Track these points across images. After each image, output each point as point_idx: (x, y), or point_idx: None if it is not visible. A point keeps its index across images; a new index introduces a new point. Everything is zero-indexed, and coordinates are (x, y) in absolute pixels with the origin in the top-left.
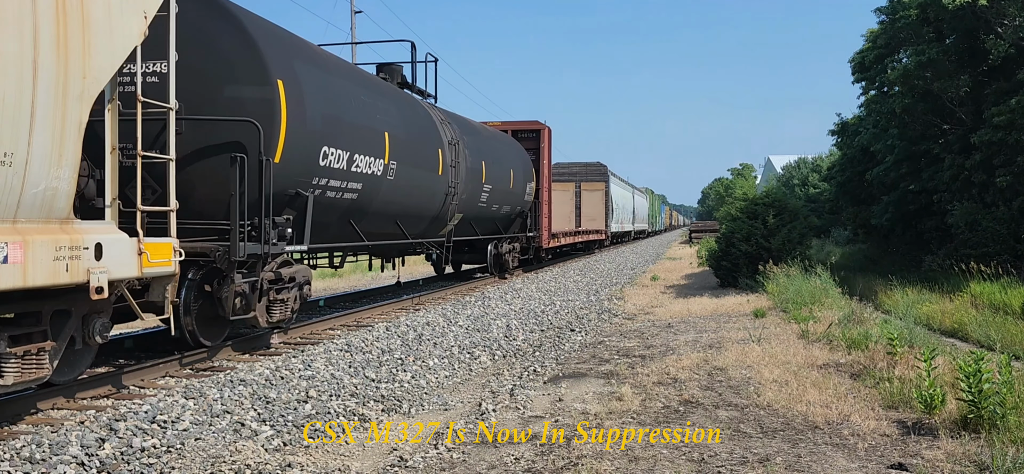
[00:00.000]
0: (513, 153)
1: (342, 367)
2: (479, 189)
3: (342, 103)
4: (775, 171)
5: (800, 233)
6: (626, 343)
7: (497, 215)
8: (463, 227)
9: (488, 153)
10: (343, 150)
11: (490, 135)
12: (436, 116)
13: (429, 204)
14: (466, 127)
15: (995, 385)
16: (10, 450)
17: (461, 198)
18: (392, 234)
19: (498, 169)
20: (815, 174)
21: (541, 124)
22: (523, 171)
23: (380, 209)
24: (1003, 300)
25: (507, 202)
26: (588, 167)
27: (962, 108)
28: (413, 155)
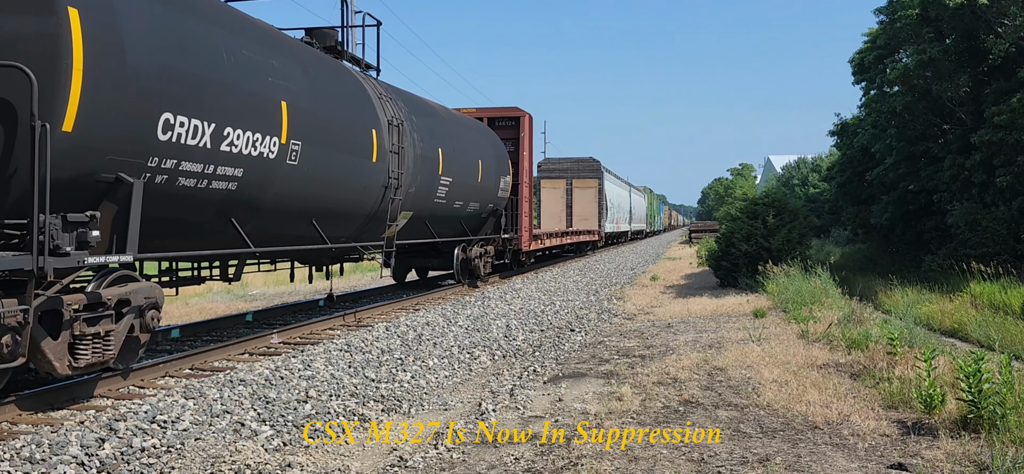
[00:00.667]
0: (483, 142)
1: (342, 367)
2: (434, 182)
3: (200, 53)
4: (775, 171)
5: (800, 233)
6: (626, 343)
7: (462, 214)
8: (415, 228)
9: (447, 140)
10: (204, 120)
11: (451, 119)
12: (373, 89)
13: (360, 199)
14: (417, 107)
15: (995, 385)
16: (10, 450)
17: (408, 192)
18: (305, 237)
19: (461, 159)
20: (815, 174)
21: (521, 111)
22: (496, 163)
23: (279, 204)
24: (1003, 300)
25: (475, 198)
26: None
27: (962, 108)
28: (330, 135)
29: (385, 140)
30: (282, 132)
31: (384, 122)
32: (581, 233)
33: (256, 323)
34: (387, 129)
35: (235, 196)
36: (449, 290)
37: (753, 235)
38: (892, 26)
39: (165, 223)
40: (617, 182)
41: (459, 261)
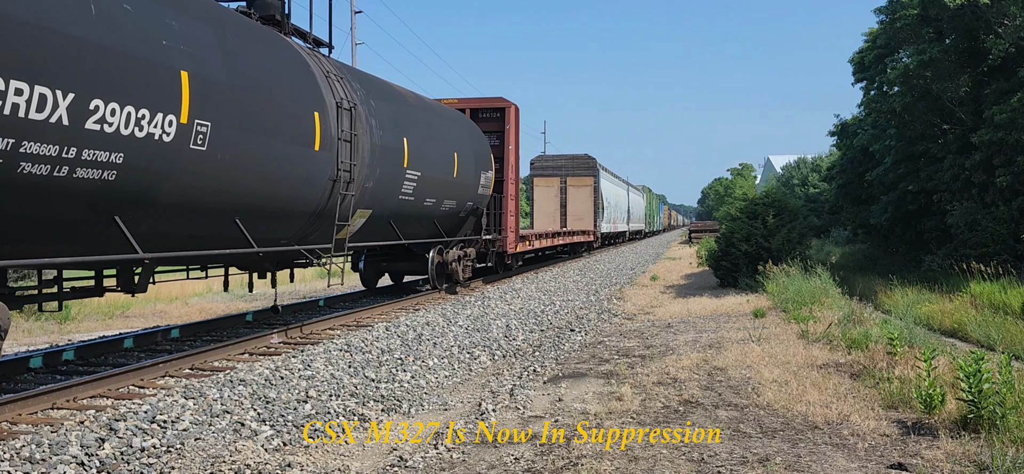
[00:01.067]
0: (460, 133)
1: (342, 367)
2: (399, 176)
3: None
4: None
5: (800, 233)
6: (626, 343)
7: (435, 213)
8: (376, 229)
9: (415, 129)
10: (57, 89)
11: (421, 106)
12: (319, 66)
13: (300, 194)
14: (378, 90)
15: (995, 385)
16: (10, 450)
17: (364, 187)
18: (227, 239)
19: (433, 152)
20: (815, 174)
21: (506, 101)
22: (476, 157)
23: (183, 199)
24: (1003, 300)
25: (450, 196)
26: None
27: (962, 108)
28: (255, 116)
29: (332, 125)
30: (182, 109)
31: (331, 104)
32: (575, 233)
33: (256, 323)
34: (335, 113)
35: (116, 188)
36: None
37: (753, 235)
38: (892, 26)
39: (5, 221)
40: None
41: (434, 265)
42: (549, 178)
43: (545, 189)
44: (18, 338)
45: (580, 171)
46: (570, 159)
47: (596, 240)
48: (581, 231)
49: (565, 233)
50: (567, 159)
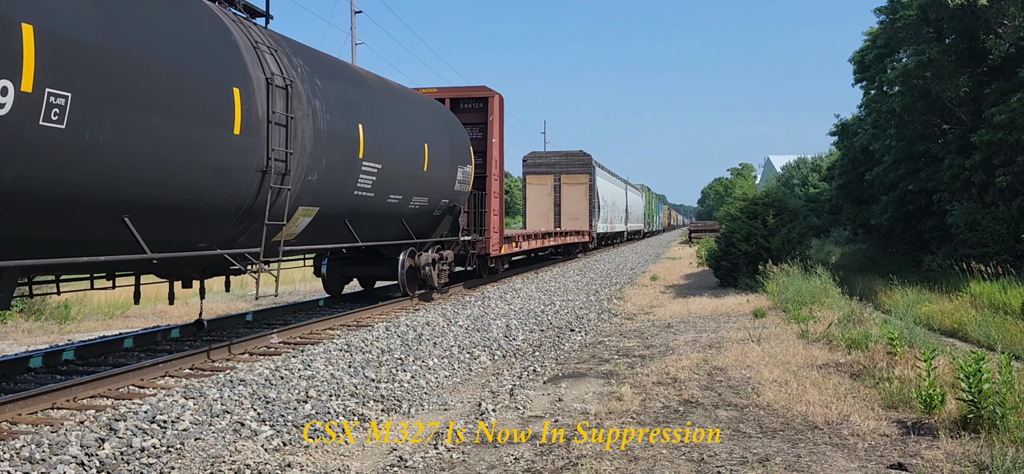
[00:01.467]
0: (433, 122)
1: (342, 367)
2: (353, 169)
3: None
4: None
5: (800, 233)
6: (626, 343)
7: (402, 211)
8: (327, 229)
9: (374, 115)
10: None
11: (383, 89)
12: (245, 35)
13: (215, 188)
14: (326, 67)
15: (995, 385)
16: (10, 450)
17: (306, 181)
18: (115, 242)
19: (398, 141)
20: (815, 174)
21: (489, 90)
22: (452, 149)
23: (31, 191)
24: (1003, 300)
25: (421, 192)
26: (569, 157)
27: (962, 108)
28: (141, 87)
29: (259, 105)
30: (22, 74)
31: (258, 80)
32: (568, 234)
33: (256, 323)
34: (264, 90)
35: None
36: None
37: (753, 235)
38: (892, 26)
39: None
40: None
41: (405, 270)
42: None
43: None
44: (18, 338)
45: (575, 168)
46: (564, 156)
47: (592, 240)
48: (575, 231)
49: (557, 234)
50: (561, 156)
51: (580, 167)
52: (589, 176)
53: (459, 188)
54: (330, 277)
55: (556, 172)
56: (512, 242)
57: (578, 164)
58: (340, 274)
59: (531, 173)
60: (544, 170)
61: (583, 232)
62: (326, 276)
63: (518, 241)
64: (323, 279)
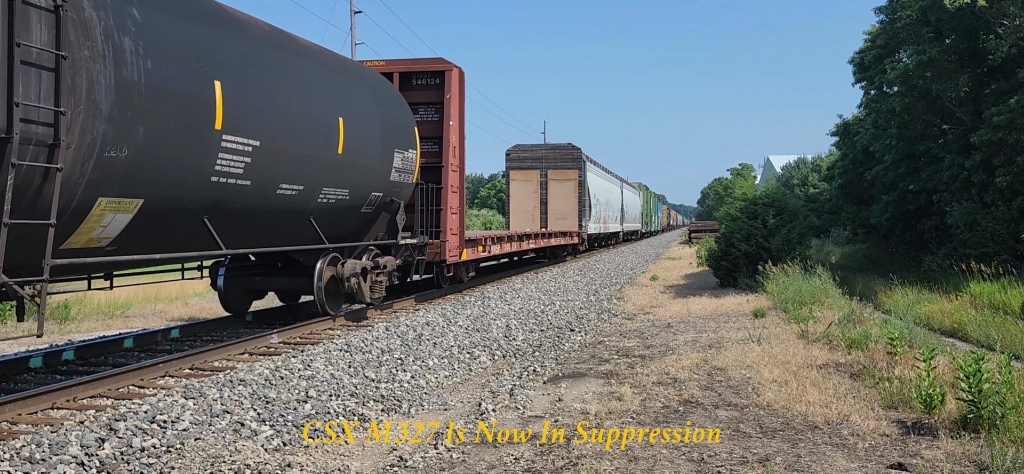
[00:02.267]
0: (355, 92)
1: (342, 367)
2: (205, 145)
3: None
4: (775, 171)
5: (800, 233)
6: (626, 343)
7: (307, 207)
8: (171, 230)
9: (245, 71)
10: None
11: (269, 39)
12: None
13: None
14: (167, 2)
15: (995, 385)
16: (10, 450)
17: (108, 158)
18: None
19: (290, 111)
20: (815, 174)
21: (446, 63)
22: (385, 128)
23: None
24: (1003, 300)
25: (335, 182)
26: (556, 150)
27: (962, 108)
28: None
29: None
30: None
31: None
32: (553, 236)
33: (256, 323)
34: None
35: None
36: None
37: (753, 235)
38: (892, 26)
39: None
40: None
41: (324, 282)
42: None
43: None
44: (18, 338)
45: (562, 163)
46: (551, 149)
47: (582, 242)
48: (563, 232)
49: (540, 235)
50: (548, 149)
51: (568, 161)
52: (578, 171)
53: (398, 179)
54: (229, 291)
55: (542, 167)
56: (477, 246)
57: (566, 158)
58: (243, 287)
59: (515, 168)
60: (529, 165)
61: (571, 233)
62: (223, 289)
63: (486, 244)
64: (220, 293)
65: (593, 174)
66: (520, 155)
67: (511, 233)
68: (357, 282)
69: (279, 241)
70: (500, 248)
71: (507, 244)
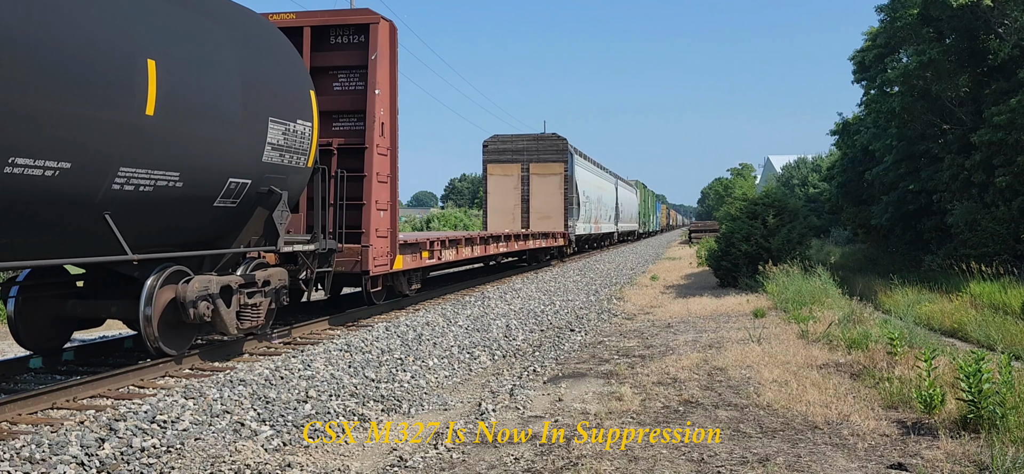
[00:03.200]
0: (199, 32)
1: (342, 367)
2: None
3: None
4: (775, 171)
5: (800, 233)
6: (626, 343)
7: (95, 196)
8: None
9: None
10: None
11: None
12: None
13: None
14: None
15: (995, 385)
16: (10, 450)
17: None
18: None
19: (35, 40)
20: (815, 174)
21: (374, 15)
22: (254, 87)
23: None
24: (1003, 300)
25: (154, 161)
26: (539, 141)
27: (962, 108)
28: None
29: None
30: None
31: None
32: (533, 237)
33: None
34: None
35: None
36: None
37: (753, 235)
38: (893, 24)
39: None
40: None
41: (157, 309)
42: (507, 165)
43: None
44: None
45: (546, 155)
46: (534, 140)
47: (569, 244)
48: (543, 233)
49: (514, 237)
50: (530, 140)
51: (553, 154)
52: (564, 165)
53: (279, 160)
54: (26, 320)
55: (523, 160)
56: (420, 251)
57: (550, 150)
58: (50, 314)
59: (493, 161)
60: (509, 158)
61: (555, 234)
62: (16, 317)
63: (434, 249)
64: (11, 323)
65: (582, 169)
66: (499, 147)
67: (472, 235)
68: (209, 308)
69: (37, 248)
70: (456, 253)
71: (466, 248)
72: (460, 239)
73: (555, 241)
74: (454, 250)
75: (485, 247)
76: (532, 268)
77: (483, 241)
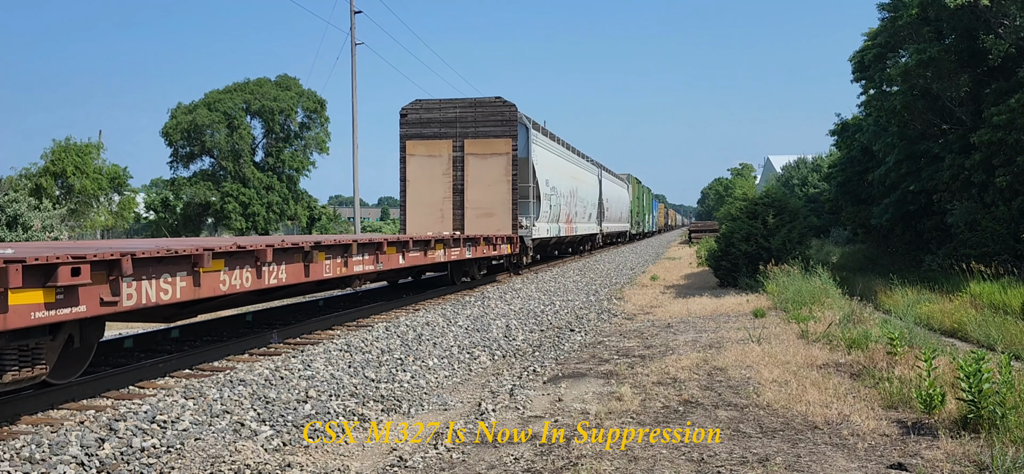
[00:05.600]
0: None
1: (342, 367)
2: None
3: None
4: (775, 171)
5: (800, 233)
6: (626, 343)
7: None
8: None
9: None
10: None
11: None
12: None
13: None
14: None
15: (995, 385)
16: (10, 450)
17: None
18: None
19: None
20: (815, 174)
21: None
22: None
23: None
24: (1003, 300)
25: None
26: (478, 108)
27: (962, 108)
28: None
29: None
30: None
31: None
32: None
33: (256, 323)
34: None
35: None
36: None
37: (753, 235)
38: (894, 23)
39: None
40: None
41: None
42: (433, 141)
43: (427, 161)
44: None
45: (488, 127)
46: (470, 106)
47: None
48: (472, 239)
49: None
50: (465, 106)
51: (497, 125)
52: (511, 142)
53: None
54: None
55: (456, 134)
56: None
57: (493, 120)
58: None
59: (414, 137)
60: (436, 131)
61: (497, 239)
62: None
63: None
64: None
65: (544, 150)
66: (422, 116)
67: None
68: None
69: None
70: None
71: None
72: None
73: (495, 248)
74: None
75: (306, 267)
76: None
77: (303, 256)
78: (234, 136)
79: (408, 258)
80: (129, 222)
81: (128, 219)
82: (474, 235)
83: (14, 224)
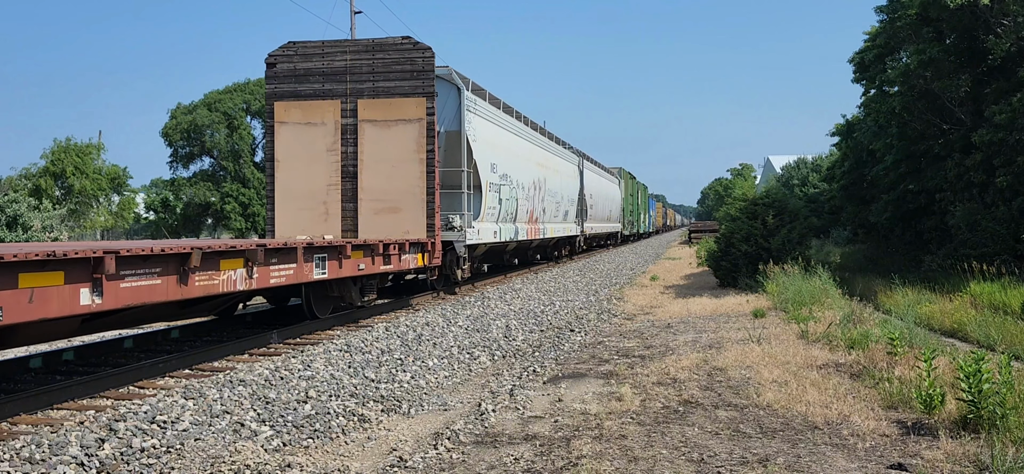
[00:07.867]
0: None
1: (341, 367)
2: None
3: None
4: (774, 171)
5: (800, 233)
6: (625, 343)
7: None
8: None
9: None
10: None
11: None
12: None
13: None
14: None
15: (995, 385)
16: (10, 450)
17: None
18: None
19: None
20: (815, 174)
21: None
22: None
23: None
24: (1003, 300)
25: None
26: (376, 54)
27: (962, 108)
28: None
29: None
30: None
31: None
32: (376, 254)
33: (256, 323)
34: None
35: None
36: None
37: (753, 235)
38: (892, 24)
39: None
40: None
41: None
42: (315, 102)
43: (304, 131)
44: None
45: (394, 80)
46: (368, 49)
47: (458, 263)
48: (375, 248)
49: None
50: (360, 49)
51: (404, 78)
52: (425, 103)
53: None
54: None
55: (347, 91)
56: None
57: (399, 71)
58: None
59: (287, 95)
60: (317, 87)
61: (405, 244)
62: None
63: None
64: None
65: (485, 122)
66: (298, 66)
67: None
68: None
69: None
70: None
71: None
72: None
73: (401, 260)
74: None
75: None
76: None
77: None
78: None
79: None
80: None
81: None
82: (384, 240)
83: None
